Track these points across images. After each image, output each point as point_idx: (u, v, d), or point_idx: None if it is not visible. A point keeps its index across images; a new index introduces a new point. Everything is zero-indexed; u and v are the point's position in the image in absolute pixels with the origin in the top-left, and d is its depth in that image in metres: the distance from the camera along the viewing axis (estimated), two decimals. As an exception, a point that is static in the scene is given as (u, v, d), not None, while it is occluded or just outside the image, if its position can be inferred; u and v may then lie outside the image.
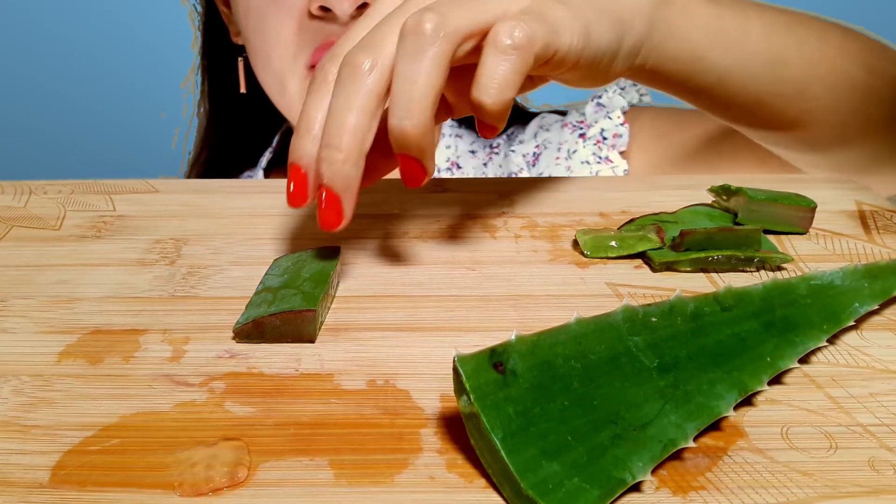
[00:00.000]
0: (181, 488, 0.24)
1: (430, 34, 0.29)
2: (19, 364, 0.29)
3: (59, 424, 0.26)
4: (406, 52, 0.30)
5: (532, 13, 0.31)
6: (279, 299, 0.31)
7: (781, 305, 0.30)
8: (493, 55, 0.30)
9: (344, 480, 0.24)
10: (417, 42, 0.29)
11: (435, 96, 0.30)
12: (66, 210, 0.42)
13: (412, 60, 0.29)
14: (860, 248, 0.37)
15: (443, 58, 0.30)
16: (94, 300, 0.34)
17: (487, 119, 0.31)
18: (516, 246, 0.38)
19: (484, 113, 0.31)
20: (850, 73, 0.43)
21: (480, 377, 0.24)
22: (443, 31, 0.29)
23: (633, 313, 0.27)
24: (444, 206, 0.42)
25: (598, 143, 0.65)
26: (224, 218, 0.41)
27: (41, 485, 0.24)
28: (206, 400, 0.28)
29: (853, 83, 0.43)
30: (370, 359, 0.30)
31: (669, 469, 0.24)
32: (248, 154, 0.78)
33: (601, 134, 0.66)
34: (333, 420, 0.27)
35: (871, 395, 0.28)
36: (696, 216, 0.39)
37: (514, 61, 0.30)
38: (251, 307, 0.31)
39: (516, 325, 0.31)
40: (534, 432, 0.23)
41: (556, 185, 0.44)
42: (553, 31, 0.31)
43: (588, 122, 0.67)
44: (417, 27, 0.29)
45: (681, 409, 0.25)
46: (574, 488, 0.23)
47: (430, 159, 0.32)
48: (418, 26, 0.29)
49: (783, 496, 0.23)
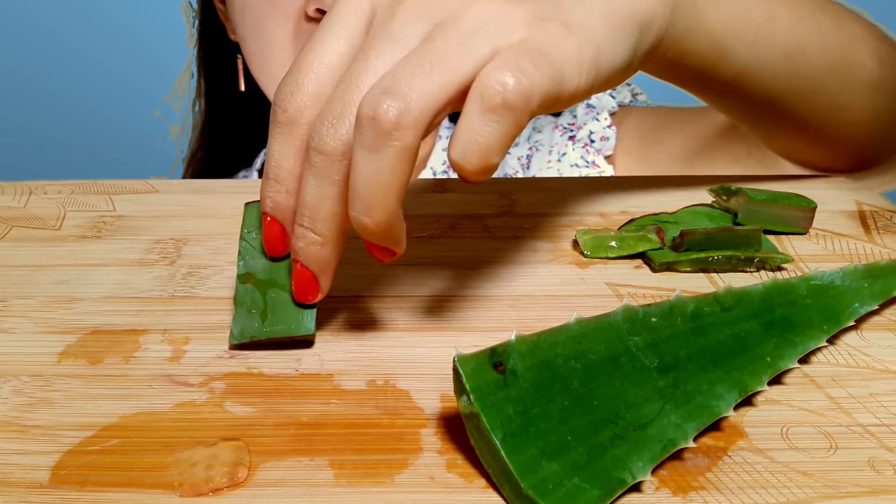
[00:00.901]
0: (181, 488, 0.24)
1: (389, 127, 0.24)
2: (19, 364, 0.29)
3: (59, 424, 0.26)
4: (363, 144, 0.25)
5: (531, 51, 0.25)
6: (271, 308, 0.30)
7: (781, 305, 0.30)
8: (477, 113, 0.25)
9: (344, 480, 0.24)
10: (375, 136, 0.24)
11: (400, 191, 0.25)
12: (66, 210, 0.42)
13: (370, 157, 0.25)
14: (860, 248, 0.37)
15: (406, 150, 0.25)
16: (93, 300, 0.34)
17: (469, 179, 0.26)
18: (516, 246, 0.38)
19: (464, 175, 0.26)
20: (865, 66, 0.41)
21: (480, 377, 0.24)
22: (407, 119, 0.24)
23: (633, 313, 0.27)
24: (444, 206, 0.42)
25: (585, 146, 0.65)
26: (224, 218, 0.41)
27: (41, 485, 0.24)
28: (206, 400, 0.28)
29: (866, 76, 0.41)
30: (370, 359, 0.30)
31: (669, 469, 0.24)
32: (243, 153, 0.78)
33: (589, 136, 0.65)
34: (333, 420, 0.27)
35: (871, 395, 0.28)
36: (696, 216, 0.39)
37: (505, 123, 0.25)
38: (242, 314, 0.30)
39: (516, 325, 0.31)
40: (534, 432, 0.23)
41: (556, 185, 0.44)
42: (557, 76, 0.26)
43: (578, 123, 0.67)
44: (375, 117, 0.24)
45: (681, 409, 0.25)
46: (574, 488, 0.23)
47: (398, 245, 0.27)
48: (376, 116, 0.24)
49: (783, 496, 0.23)
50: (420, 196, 0.43)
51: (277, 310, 0.30)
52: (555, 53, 0.26)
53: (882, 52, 0.42)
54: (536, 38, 0.26)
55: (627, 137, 0.65)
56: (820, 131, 0.43)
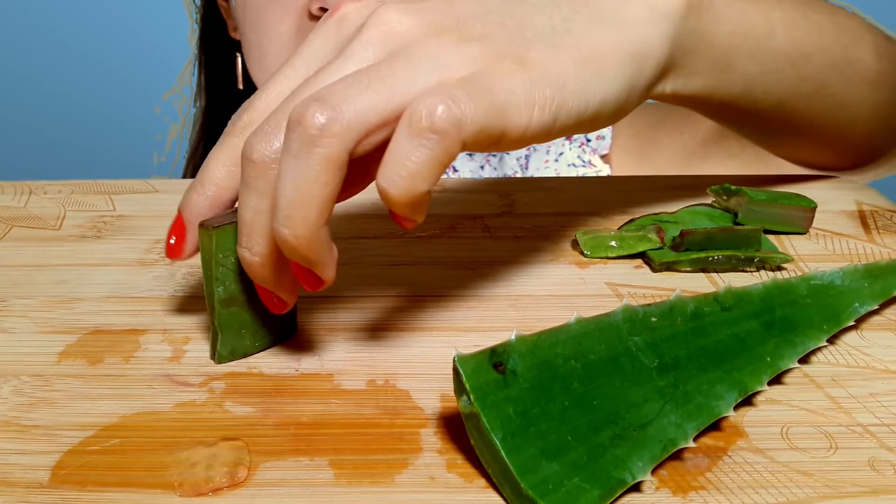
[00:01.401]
0: (181, 488, 0.24)
1: (315, 133, 0.24)
2: (19, 364, 0.29)
3: (59, 424, 0.26)
4: (289, 150, 0.24)
5: (471, 84, 0.25)
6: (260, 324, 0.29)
7: (781, 305, 0.30)
8: (405, 136, 0.24)
9: (344, 480, 0.24)
10: (301, 140, 0.24)
11: (323, 204, 0.24)
12: (66, 210, 0.42)
13: (294, 162, 0.24)
14: (860, 248, 0.37)
15: (331, 161, 0.24)
16: (94, 300, 0.34)
17: (396, 211, 0.25)
18: (516, 246, 0.38)
19: (390, 204, 0.25)
20: (863, 61, 0.41)
21: (480, 377, 0.24)
22: (334, 127, 0.24)
23: (633, 313, 0.27)
24: (444, 206, 0.42)
25: (582, 146, 0.65)
26: (224, 218, 0.41)
27: (41, 485, 0.24)
28: (206, 400, 0.28)
29: (865, 71, 0.41)
30: (370, 359, 0.30)
31: (669, 469, 0.24)
32: None
33: (585, 136, 0.65)
34: (333, 420, 0.27)
35: (871, 395, 0.28)
36: (696, 216, 0.39)
37: (432, 148, 0.24)
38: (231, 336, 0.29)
39: (516, 325, 0.31)
40: (534, 432, 0.23)
41: (556, 186, 0.44)
42: (496, 109, 0.25)
43: None
44: (301, 121, 0.24)
45: (681, 409, 0.25)
46: (574, 488, 0.23)
47: (324, 268, 0.26)
48: (302, 120, 0.24)
49: (783, 496, 0.23)
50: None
51: (266, 322, 0.30)
52: (497, 87, 0.25)
53: (878, 45, 0.42)
54: (483, 74, 0.25)
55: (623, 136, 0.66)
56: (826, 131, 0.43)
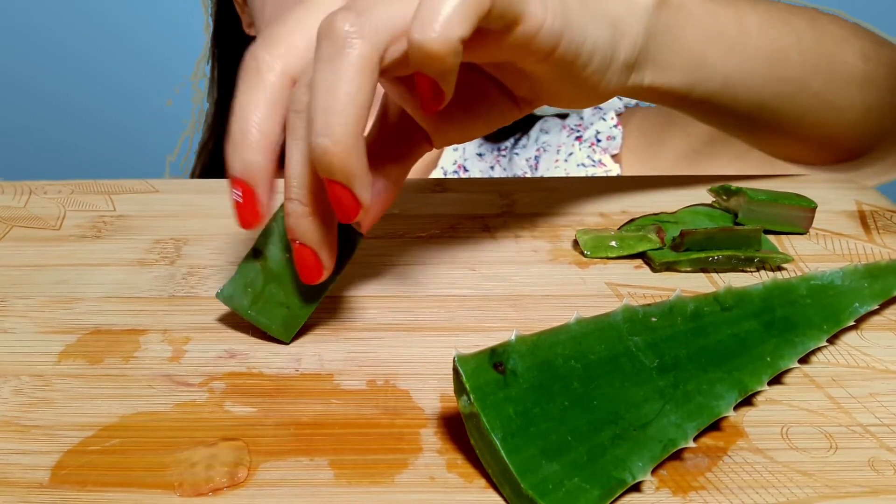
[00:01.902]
0: (181, 488, 0.24)
1: (344, 34, 0.24)
2: (19, 364, 0.29)
3: (59, 424, 0.26)
4: (321, 58, 0.25)
5: None
6: (265, 299, 0.30)
7: (781, 305, 0.30)
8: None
9: (344, 480, 0.24)
10: (331, 45, 0.24)
11: (358, 108, 0.24)
12: (66, 210, 0.42)
13: (327, 68, 0.25)
14: (860, 248, 0.37)
15: (364, 62, 0.24)
16: (93, 300, 0.34)
17: (429, 69, 0.25)
18: (516, 246, 0.38)
19: (423, 58, 0.24)
20: (848, 63, 0.42)
21: (480, 377, 0.24)
22: (364, 28, 0.24)
23: (633, 313, 0.27)
24: (444, 206, 0.42)
25: (592, 146, 0.66)
26: (224, 218, 0.41)
27: (41, 485, 0.24)
28: (206, 400, 0.28)
29: (851, 73, 0.42)
30: (370, 359, 0.30)
31: (669, 469, 0.24)
32: None
33: (595, 136, 0.66)
34: (333, 420, 0.27)
35: (871, 395, 0.28)
36: (696, 216, 0.39)
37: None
38: (239, 284, 0.30)
39: (516, 325, 0.31)
40: (534, 432, 0.23)
41: (556, 185, 0.44)
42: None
43: (585, 124, 0.68)
44: (331, 27, 0.24)
45: (681, 409, 0.25)
46: (574, 488, 0.23)
47: (361, 187, 0.26)
48: (332, 26, 0.24)
49: (783, 496, 0.23)
50: (420, 196, 0.43)
51: (269, 304, 0.30)
52: None
53: (865, 48, 0.43)
54: None
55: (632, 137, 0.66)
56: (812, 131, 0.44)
